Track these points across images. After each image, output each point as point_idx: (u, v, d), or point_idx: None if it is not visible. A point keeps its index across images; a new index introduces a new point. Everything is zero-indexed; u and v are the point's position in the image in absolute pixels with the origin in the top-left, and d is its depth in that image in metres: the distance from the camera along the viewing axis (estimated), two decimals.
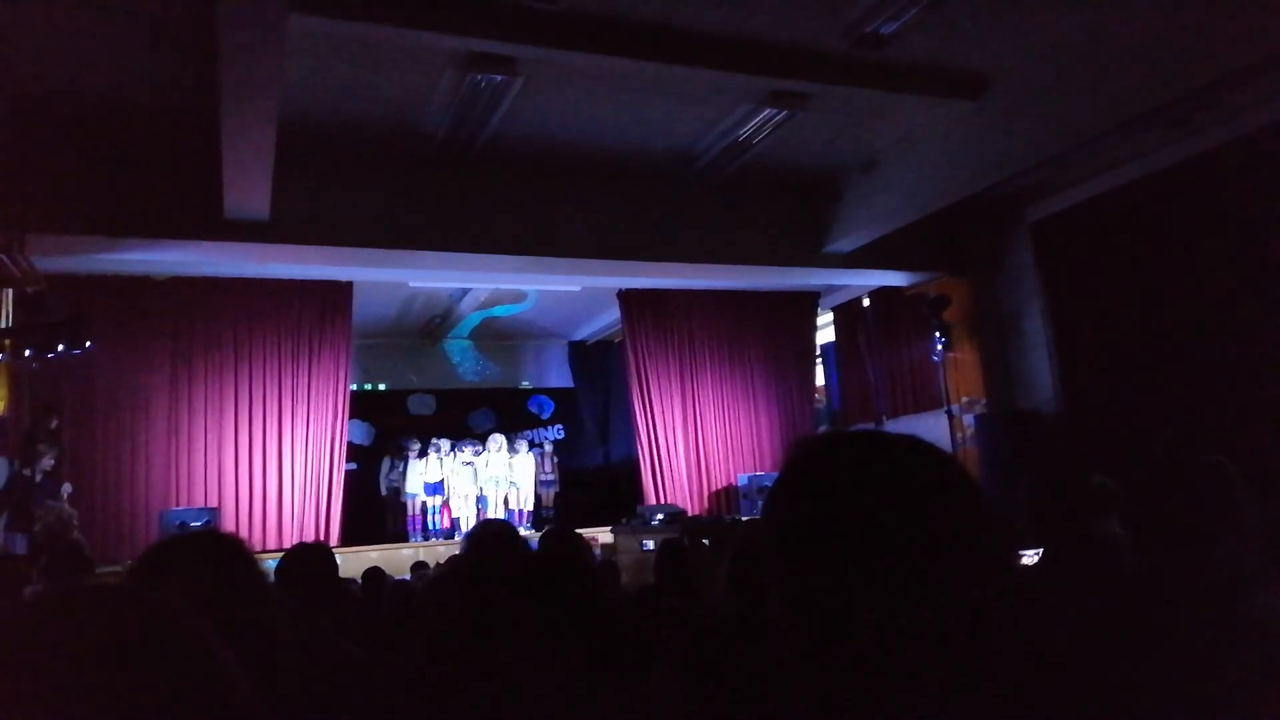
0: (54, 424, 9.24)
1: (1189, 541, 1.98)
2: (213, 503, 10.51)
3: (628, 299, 12.95)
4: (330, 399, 11.42)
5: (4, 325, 8.35)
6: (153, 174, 8.45)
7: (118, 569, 8.45)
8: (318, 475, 11.26)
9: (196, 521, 9.66)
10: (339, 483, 11.41)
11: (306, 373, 11.35)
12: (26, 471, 8.08)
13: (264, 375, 11.18)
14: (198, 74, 7.10)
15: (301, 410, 11.26)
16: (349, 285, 11.42)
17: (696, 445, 13.08)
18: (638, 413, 12.90)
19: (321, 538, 10.79)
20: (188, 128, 8.15)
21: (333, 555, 2.96)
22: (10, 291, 8.51)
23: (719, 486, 13.03)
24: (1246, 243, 8.71)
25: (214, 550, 1.37)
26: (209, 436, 10.82)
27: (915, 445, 0.92)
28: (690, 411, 13.11)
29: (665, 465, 12.81)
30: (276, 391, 11.20)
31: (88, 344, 8.59)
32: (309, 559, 2.86)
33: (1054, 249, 11.17)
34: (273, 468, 11.04)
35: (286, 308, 11.33)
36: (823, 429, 13.78)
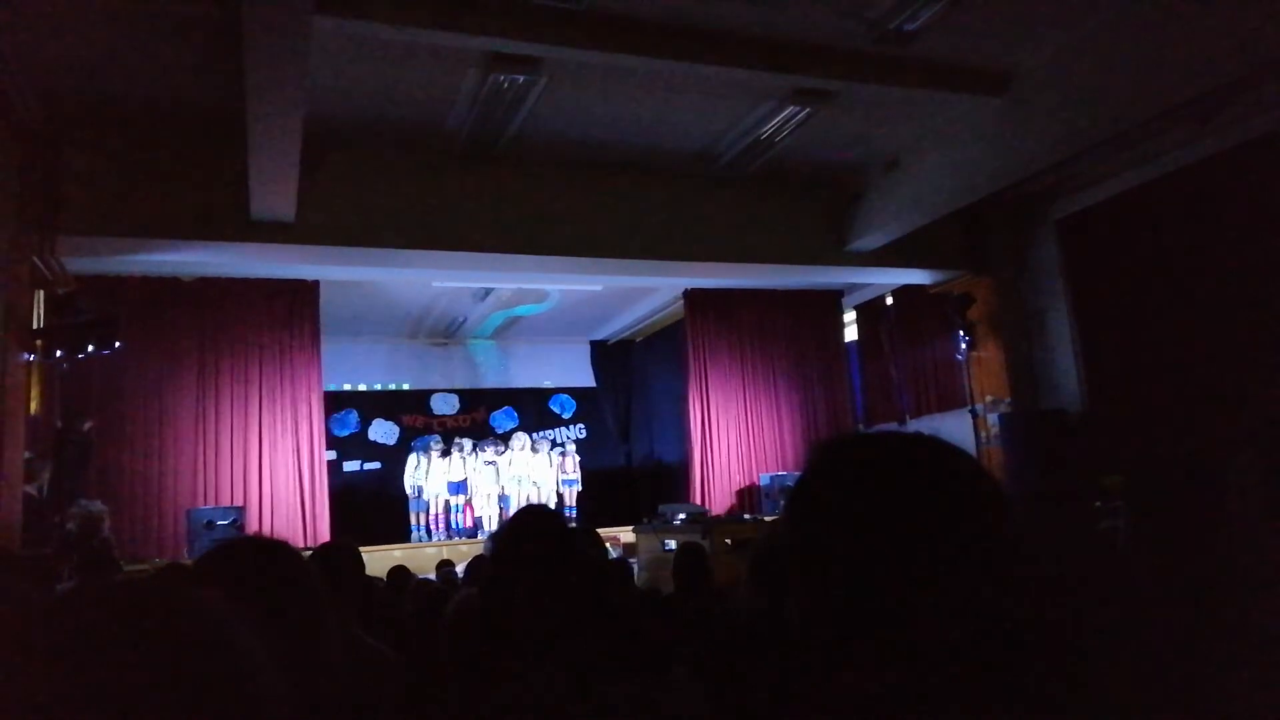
0: (87, 426, 9.30)
1: (1214, 538, 1.96)
2: (239, 501, 10.59)
3: (692, 297, 13.02)
4: (306, 396, 11.35)
5: (36, 326, 8.46)
6: (181, 176, 8.55)
7: (145, 567, 8.54)
8: (313, 473, 11.28)
9: (224, 520, 9.76)
10: (322, 479, 11.29)
11: (300, 371, 11.39)
12: (31, 490, 8.11)
13: (281, 375, 11.25)
14: (226, 77, 7.17)
15: (304, 409, 11.31)
16: (315, 284, 11.36)
17: (722, 443, 13.06)
18: (695, 411, 12.91)
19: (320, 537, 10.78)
20: (216, 129, 8.24)
21: (359, 553, 2.99)
22: (42, 293, 8.64)
23: (741, 485, 13.00)
24: (1273, 239, 8.60)
25: (273, 556, 1.42)
26: (234, 435, 10.91)
27: (935, 445, 0.92)
28: (715, 410, 13.08)
29: (706, 464, 12.82)
30: (290, 390, 11.27)
31: (117, 344, 8.71)
32: (337, 556, 2.90)
33: (1079, 246, 11.05)
34: (292, 467, 11.11)
35: (299, 307, 11.42)
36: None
